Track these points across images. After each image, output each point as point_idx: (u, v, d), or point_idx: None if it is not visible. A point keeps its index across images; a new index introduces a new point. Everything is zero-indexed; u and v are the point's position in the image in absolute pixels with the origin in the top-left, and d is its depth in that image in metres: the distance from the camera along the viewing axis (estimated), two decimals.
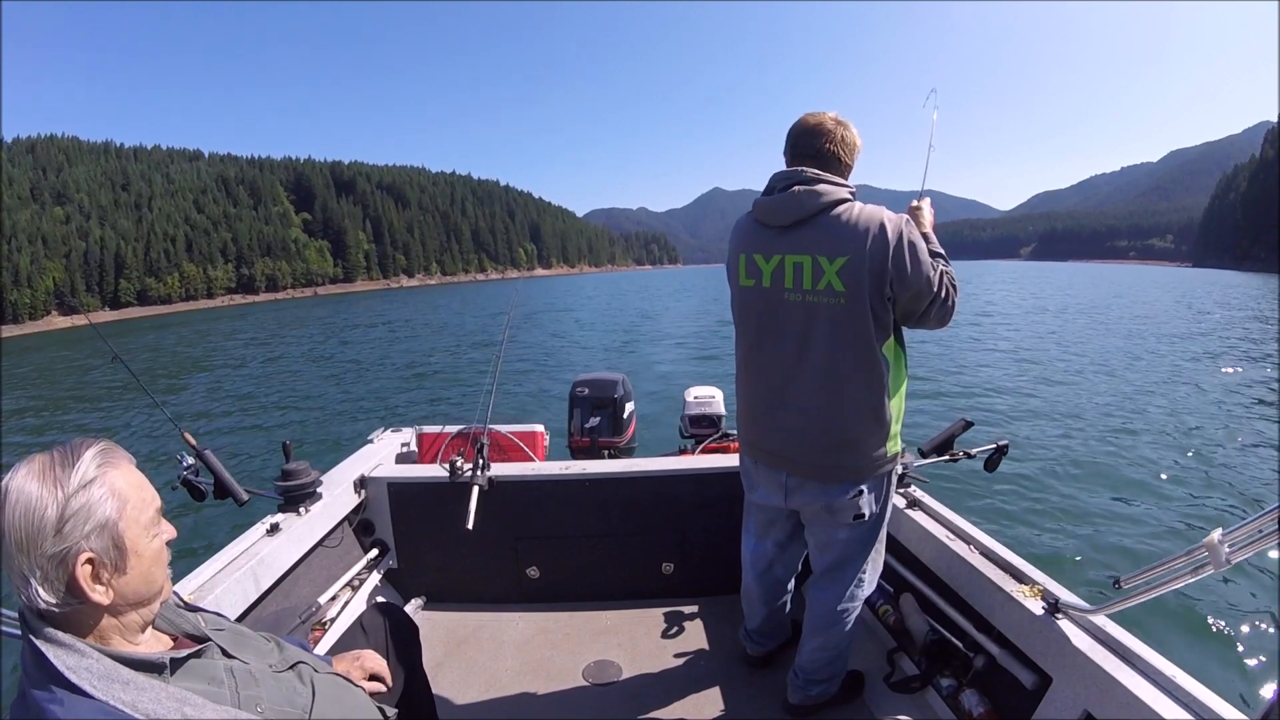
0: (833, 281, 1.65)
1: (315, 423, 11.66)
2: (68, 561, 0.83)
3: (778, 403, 1.83)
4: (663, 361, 16.54)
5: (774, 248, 1.75)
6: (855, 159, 1.79)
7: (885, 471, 1.84)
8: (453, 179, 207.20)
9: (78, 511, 0.84)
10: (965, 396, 11.29)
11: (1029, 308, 31.42)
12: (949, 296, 1.73)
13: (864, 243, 1.62)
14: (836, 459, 1.78)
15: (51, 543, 0.82)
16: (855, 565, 1.95)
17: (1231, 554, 1.20)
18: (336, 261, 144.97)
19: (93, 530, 0.85)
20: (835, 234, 1.65)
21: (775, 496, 1.94)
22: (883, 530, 1.95)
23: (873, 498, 1.83)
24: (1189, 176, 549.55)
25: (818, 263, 1.67)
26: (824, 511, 1.87)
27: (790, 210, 1.71)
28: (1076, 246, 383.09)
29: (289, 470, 2.45)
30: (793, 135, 1.78)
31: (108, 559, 0.87)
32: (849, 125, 1.76)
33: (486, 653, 2.53)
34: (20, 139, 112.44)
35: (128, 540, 0.89)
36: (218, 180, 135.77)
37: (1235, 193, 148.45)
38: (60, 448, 0.89)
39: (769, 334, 1.81)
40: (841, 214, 1.66)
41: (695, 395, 3.98)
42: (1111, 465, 7.49)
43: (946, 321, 1.77)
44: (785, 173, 1.76)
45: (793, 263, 1.72)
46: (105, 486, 0.88)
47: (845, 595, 1.96)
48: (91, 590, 0.85)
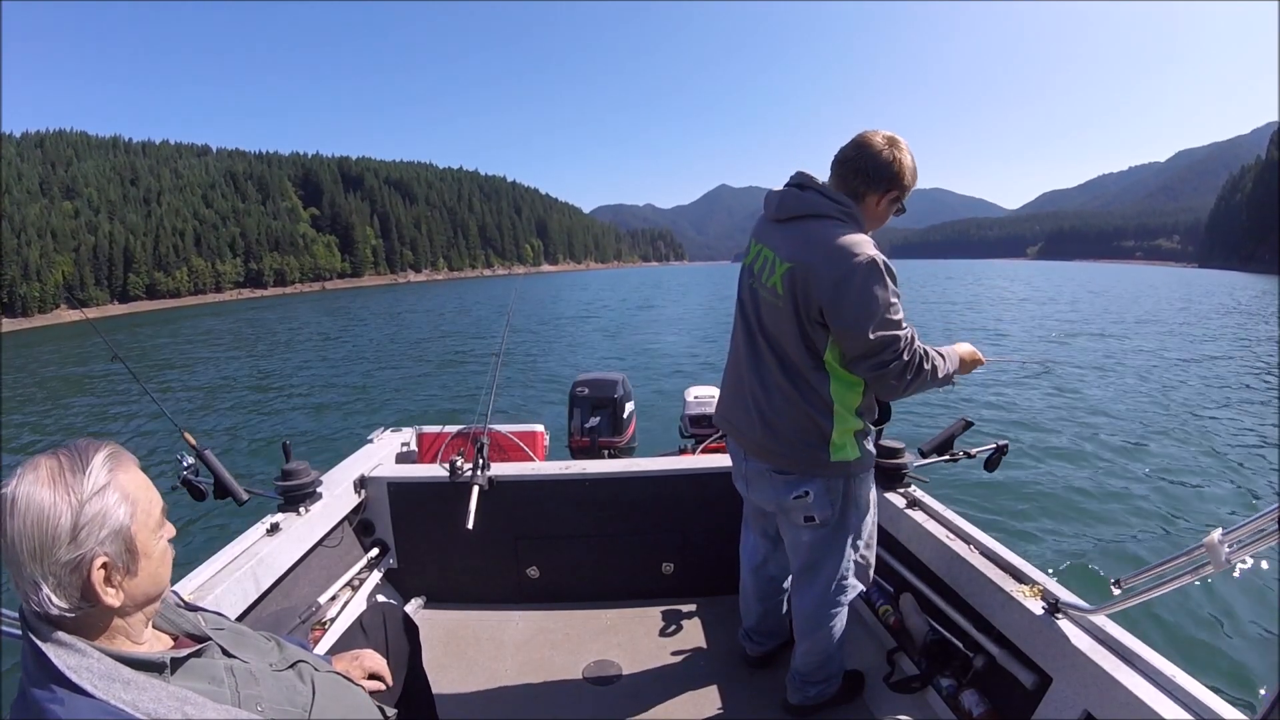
0: (777, 284, 1.72)
1: (315, 423, 11.67)
2: (82, 567, 0.84)
3: (738, 379, 1.93)
4: (663, 361, 16.55)
5: (764, 237, 1.84)
6: (895, 182, 1.73)
7: (836, 475, 1.82)
8: (460, 175, 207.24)
9: (93, 518, 0.85)
10: (965, 396, 11.27)
11: (1030, 307, 31.31)
12: (898, 361, 1.64)
13: (813, 260, 1.64)
14: (771, 446, 1.83)
15: (66, 549, 0.83)
16: (828, 570, 1.94)
17: (1231, 554, 1.21)
18: (344, 257, 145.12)
19: (108, 535, 0.86)
20: (797, 241, 1.70)
21: (742, 486, 2.04)
22: (850, 535, 1.93)
23: (824, 501, 1.82)
24: (1197, 177, 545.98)
25: (774, 261, 1.74)
26: (779, 511, 1.93)
27: (777, 205, 1.79)
28: (1083, 246, 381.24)
29: (289, 470, 2.46)
30: (845, 146, 1.78)
31: (120, 562, 0.88)
32: (898, 146, 1.72)
33: (486, 653, 2.54)
34: (29, 133, 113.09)
35: (139, 542, 0.90)
36: (226, 175, 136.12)
37: (1241, 194, 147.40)
38: (66, 451, 0.88)
39: (739, 315, 1.93)
40: (814, 227, 1.69)
41: (695, 395, 3.99)
42: (1112, 465, 7.50)
43: (887, 390, 1.72)
44: (799, 174, 1.81)
45: (765, 255, 1.80)
46: (118, 491, 0.88)
47: (823, 599, 1.97)
48: (105, 594, 0.86)
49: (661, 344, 20.54)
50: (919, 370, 1.68)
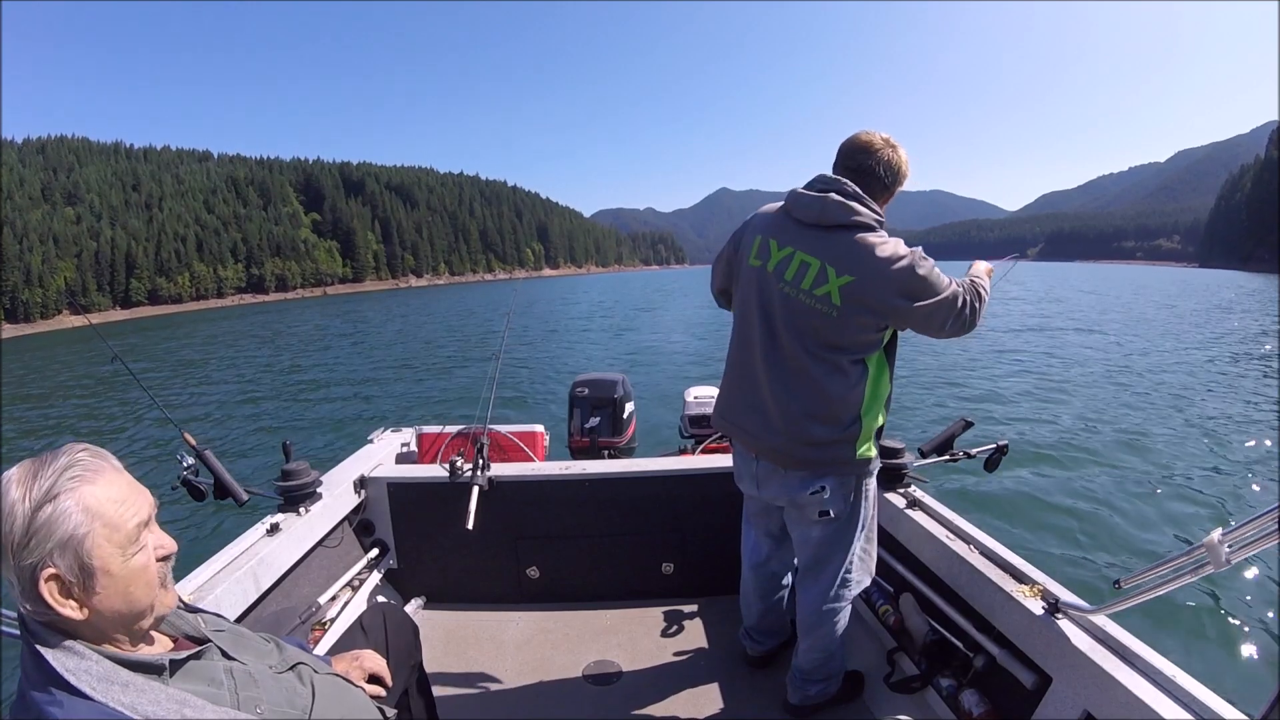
0: (832, 293, 1.70)
1: (315, 423, 11.67)
2: (35, 576, 0.81)
3: (750, 381, 1.90)
4: (663, 361, 16.54)
5: (791, 240, 1.80)
6: (898, 182, 1.81)
7: (852, 473, 1.85)
8: (461, 179, 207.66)
9: (40, 526, 0.81)
10: (965, 396, 11.27)
11: (1031, 308, 31.31)
12: (965, 308, 1.78)
13: (875, 271, 1.66)
14: (790, 447, 1.82)
15: (22, 554, 0.81)
16: (834, 565, 1.96)
17: (1231, 554, 1.20)
18: (346, 261, 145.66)
19: (54, 547, 0.82)
20: (852, 253, 1.69)
21: (750, 486, 2.01)
22: (860, 531, 1.95)
23: (839, 496, 1.85)
24: (1196, 177, 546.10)
25: (825, 270, 1.71)
26: (792, 507, 1.93)
27: (818, 212, 1.75)
28: (1083, 247, 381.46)
29: (289, 470, 2.46)
30: (842, 149, 1.82)
31: (73, 576, 0.83)
32: (898, 148, 1.79)
33: (486, 653, 2.54)
34: (31, 139, 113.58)
35: (96, 559, 0.84)
36: (227, 181, 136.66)
37: (1241, 193, 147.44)
38: (47, 453, 0.86)
39: (756, 316, 1.87)
40: (864, 237, 1.70)
41: (695, 395, 3.99)
42: (1111, 465, 7.47)
43: (963, 331, 1.83)
44: (829, 178, 1.80)
45: (801, 259, 1.76)
46: (73, 500, 0.83)
47: (829, 595, 1.98)
48: (60, 605, 0.83)
49: (662, 344, 20.51)
50: (974, 307, 1.82)
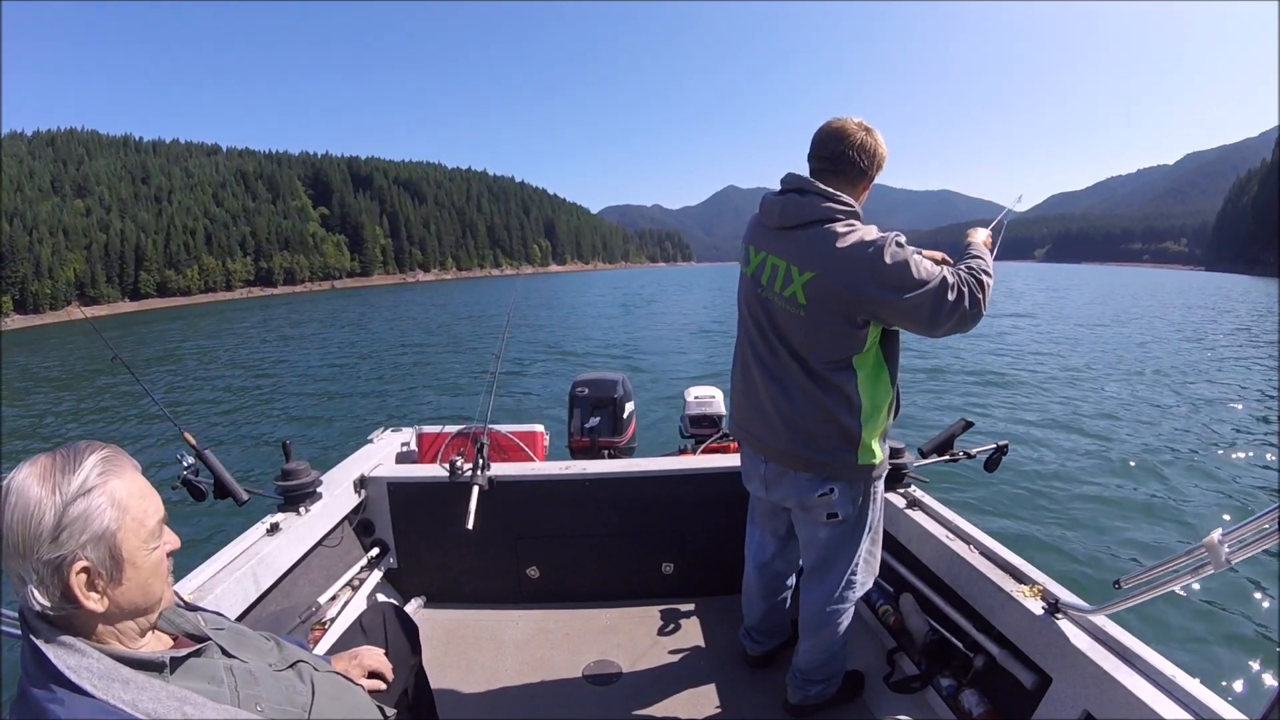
0: (797, 293, 1.70)
1: (315, 422, 11.68)
2: (63, 569, 0.83)
3: (751, 387, 1.92)
4: (664, 361, 16.55)
5: (764, 244, 1.81)
6: (877, 166, 1.77)
7: (859, 477, 1.84)
8: (469, 175, 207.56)
9: (75, 520, 0.83)
10: (965, 396, 11.28)
11: (1032, 308, 31.22)
12: (962, 299, 1.64)
13: (837, 262, 1.63)
14: (798, 451, 1.81)
15: (48, 549, 0.82)
16: (840, 566, 1.96)
17: (1231, 554, 1.21)
18: (353, 256, 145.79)
19: (89, 540, 0.84)
20: (813, 248, 1.67)
21: (759, 488, 2.01)
22: (866, 533, 1.95)
23: (848, 499, 1.84)
24: (1205, 179, 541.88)
25: (790, 270, 1.71)
26: (800, 509, 1.93)
27: (778, 215, 1.75)
28: (1091, 249, 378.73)
29: (289, 470, 2.46)
30: (815, 138, 1.78)
31: (103, 569, 0.86)
32: (873, 132, 1.74)
33: (486, 652, 2.54)
34: (41, 132, 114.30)
35: (125, 551, 0.88)
36: (236, 174, 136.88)
37: (1248, 197, 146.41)
38: (64, 449, 0.88)
39: (750, 323, 1.89)
40: (827, 230, 1.66)
41: (695, 395, 3.98)
42: (1111, 465, 7.48)
43: (969, 322, 1.69)
44: (793, 177, 1.78)
45: (772, 263, 1.77)
46: (105, 495, 0.86)
47: (833, 596, 1.98)
48: (86, 598, 0.85)
49: (662, 344, 20.53)
50: (973, 297, 1.67)
